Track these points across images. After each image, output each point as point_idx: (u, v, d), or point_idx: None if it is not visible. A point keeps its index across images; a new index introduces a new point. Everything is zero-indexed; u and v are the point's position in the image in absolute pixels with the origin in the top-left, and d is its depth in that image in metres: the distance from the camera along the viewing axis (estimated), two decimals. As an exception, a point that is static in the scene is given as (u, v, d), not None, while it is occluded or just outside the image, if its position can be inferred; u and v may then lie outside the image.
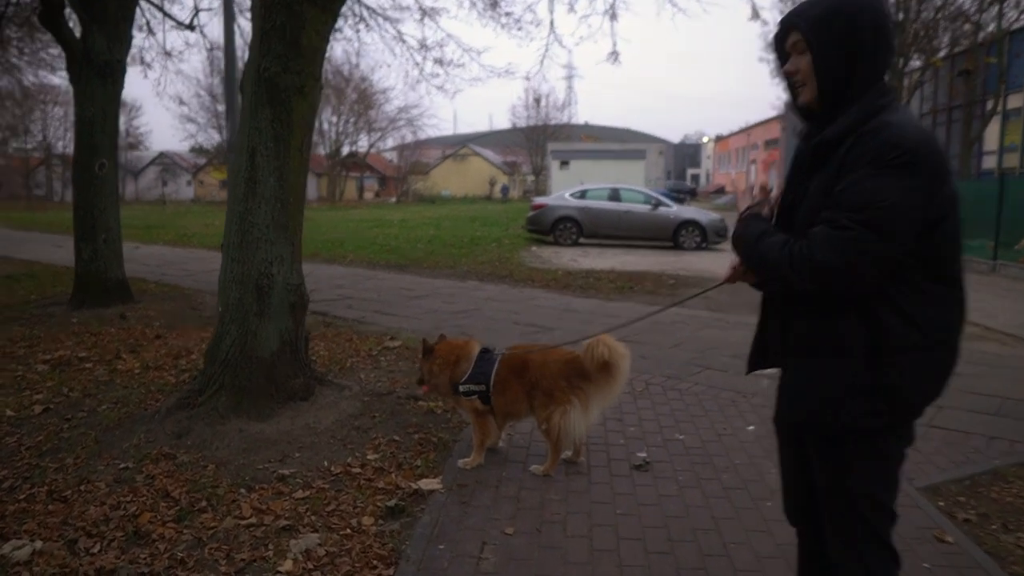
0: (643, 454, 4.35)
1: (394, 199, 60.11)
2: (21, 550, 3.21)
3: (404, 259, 15.37)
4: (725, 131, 69.82)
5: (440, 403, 4.94)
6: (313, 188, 64.02)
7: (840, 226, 1.86)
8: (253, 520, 3.49)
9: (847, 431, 2.01)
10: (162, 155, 68.96)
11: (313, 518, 3.52)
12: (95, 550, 3.24)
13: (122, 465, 4.10)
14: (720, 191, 60.17)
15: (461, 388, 4.14)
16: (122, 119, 59.56)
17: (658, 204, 19.02)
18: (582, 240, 19.00)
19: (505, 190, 61.94)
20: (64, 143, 57.04)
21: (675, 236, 18.61)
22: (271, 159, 4.76)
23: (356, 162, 63.90)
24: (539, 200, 20.96)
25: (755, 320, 2.43)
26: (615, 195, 19.33)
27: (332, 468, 4.07)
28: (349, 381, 5.59)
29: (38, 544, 3.25)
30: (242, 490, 3.80)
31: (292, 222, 4.90)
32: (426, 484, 3.85)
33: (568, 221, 18.89)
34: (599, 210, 18.92)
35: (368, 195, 69.44)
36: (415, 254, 16.20)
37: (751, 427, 4.86)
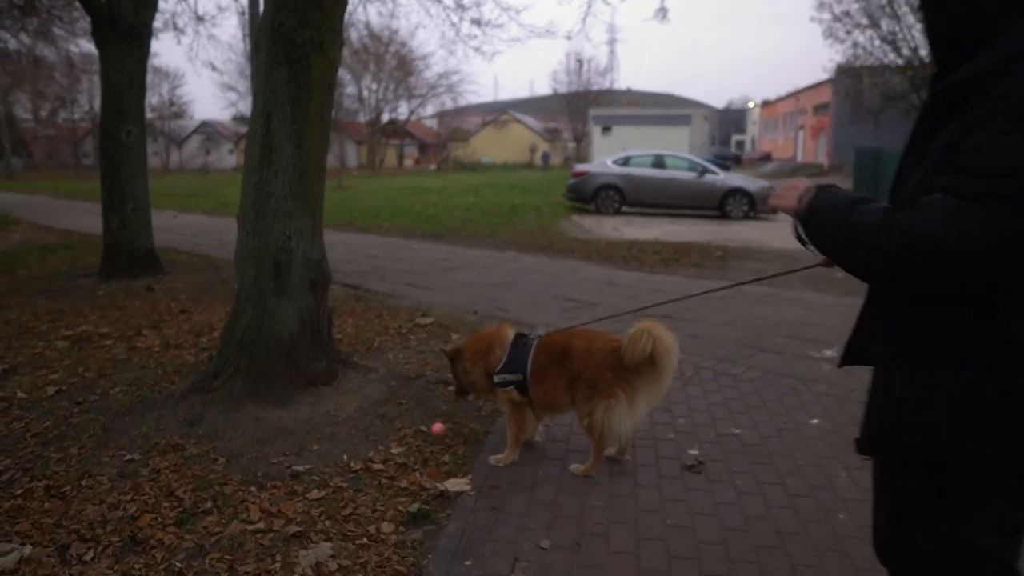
0: (695, 452, 3.91)
1: (434, 166, 59.82)
2: (8, 556, 2.92)
3: (441, 228, 15.00)
4: (772, 95, 67.59)
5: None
6: (353, 156, 64.15)
7: (962, 195, 1.38)
8: (261, 525, 3.15)
9: (944, 460, 1.57)
10: (204, 124, 69.57)
11: (327, 523, 3.17)
12: (88, 557, 2.93)
13: (128, 457, 3.80)
14: (766, 158, 58.49)
15: (496, 378, 3.74)
16: (164, 88, 60.03)
17: (704, 171, 18.28)
18: (624, 208, 18.40)
19: (546, 157, 61.05)
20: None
21: (722, 204, 17.89)
22: (288, 124, 4.36)
23: (396, 129, 63.66)
24: (580, 167, 20.34)
25: (811, 296, 1.98)
26: (659, 162, 18.64)
27: (351, 464, 3.71)
28: (375, 363, 5.23)
29: (27, 550, 2.96)
30: (252, 488, 3.47)
31: (312, 192, 4.52)
32: (453, 485, 3.47)
33: (610, 189, 18.28)
34: (643, 177, 18.27)
35: (408, 163, 69.35)
36: (452, 223, 15.82)
37: (815, 421, 4.38)
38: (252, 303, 4.44)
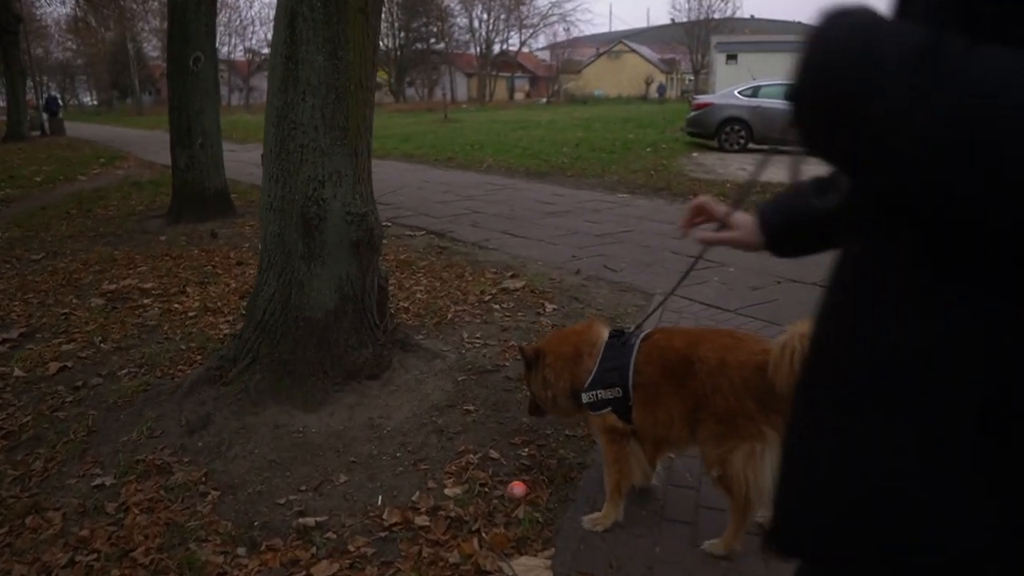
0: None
1: (544, 100, 57.90)
2: None
3: (546, 166, 13.67)
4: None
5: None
6: (463, 89, 63.12)
7: None
8: (233, 627, 2.09)
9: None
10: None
11: (330, 630, 2.08)
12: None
13: (98, 480, 2.84)
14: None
15: (585, 397, 2.51)
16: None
17: (847, 102, 15.97)
18: (751, 145, 16.40)
19: (662, 89, 57.79)
20: (229, 48, 58.94)
21: (866, 141, 15.61)
22: (319, 27, 3.17)
23: (507, 61, 62.11)
24: (702, 98, 18.33)
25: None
26: (794, 92, 16.43)
27: (386, 514, 2.60)
28: (445, 345, 4.10)
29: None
30: (240, 550, 2.42)
31: (354, 122, 3.34)
32: (525, 569, 2.30)
33: (736, 123, 16.27)
34: (774, 110, 16.11)
35: (519, 95, 67.73)
36: (559, 160, 14.43)
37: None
38: (275, 271, 3.37)
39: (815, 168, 0.86)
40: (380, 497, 2.71)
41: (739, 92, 16.92)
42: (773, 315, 4.75)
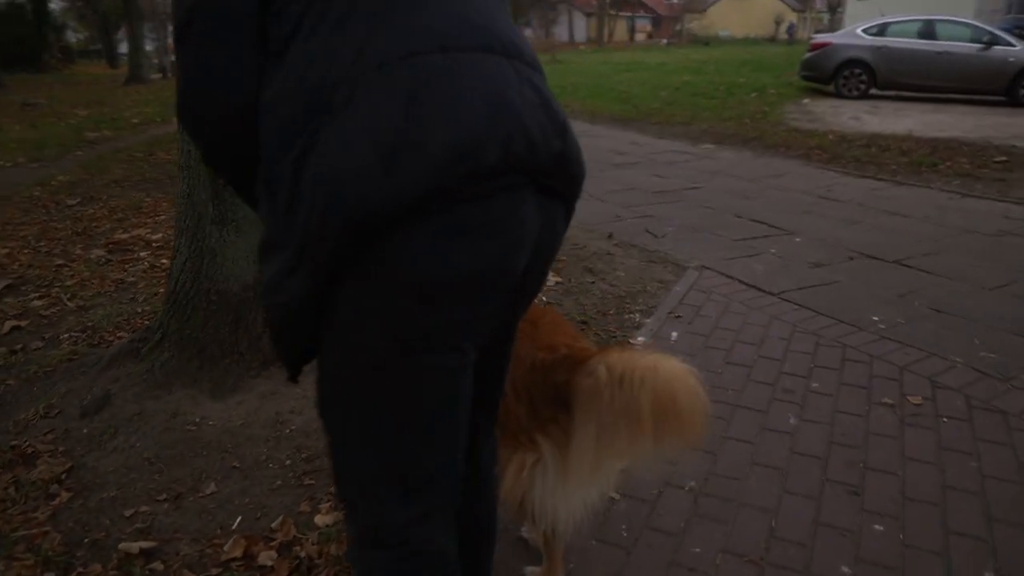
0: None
1: (665, 41, 55.24)
2: None
3: (634, 112, 12.74)
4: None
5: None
6: (582, 29, 61.24)
7: None
8: None
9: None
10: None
11: None
12: None
13: (-42, 469, 2.55)
14: (1083, 26, 46.87)
15: None
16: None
17: (992, 42, 13.93)
18: (873, 91, 14.69)
19: (792, 29, 53.79)
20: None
21: (1012, 87, 13.62)
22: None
23: (627, 0, 59.45)
24: (821, 38, 16.52)
25: None
26: (928, 30, 14.48)
27: (228, 545, 2.16)
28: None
29: None
30: (48, 578, 2.05)
31: (273, 64, 2.82)
32: (351, 646, 1.80)
33: (856, 65, 14.57)
34: (902, 50, 14.32)
35: (640, 36, 65.16)
36: (650, 105, 13.43)
37: None
38: (187, 236, 2.95)
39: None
40: (240, 519, 2.27)
41: (862, 30, 15.16)
42: (826, 303, 3.94)
